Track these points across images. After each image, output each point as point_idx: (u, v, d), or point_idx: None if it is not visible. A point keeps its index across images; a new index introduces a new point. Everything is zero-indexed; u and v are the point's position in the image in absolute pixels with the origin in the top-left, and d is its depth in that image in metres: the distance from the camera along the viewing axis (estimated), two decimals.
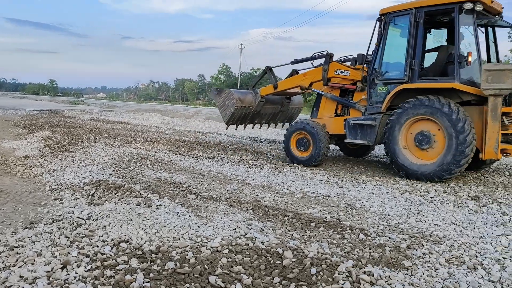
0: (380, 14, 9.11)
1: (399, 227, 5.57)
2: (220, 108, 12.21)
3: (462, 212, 6.43)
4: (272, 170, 9.39)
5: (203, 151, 11.97)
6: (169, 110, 39.87)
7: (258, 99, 12.13)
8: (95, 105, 53.06)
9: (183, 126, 22.36)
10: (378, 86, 9.29)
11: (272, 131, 20.38)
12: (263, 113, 12.96)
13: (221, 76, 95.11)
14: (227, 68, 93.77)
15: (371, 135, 9.33)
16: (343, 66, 10.26)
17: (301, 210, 6.28)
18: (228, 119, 12.16)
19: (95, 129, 17.07)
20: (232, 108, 11.72)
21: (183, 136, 16.55)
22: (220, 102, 12.14)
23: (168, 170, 9.00)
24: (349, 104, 10.11)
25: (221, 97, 12.11)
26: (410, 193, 7.44)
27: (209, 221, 5.50)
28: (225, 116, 12.12)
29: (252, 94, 12.26)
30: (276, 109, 13.24)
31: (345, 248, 4.71)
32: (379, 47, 9.11)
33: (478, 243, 5.04)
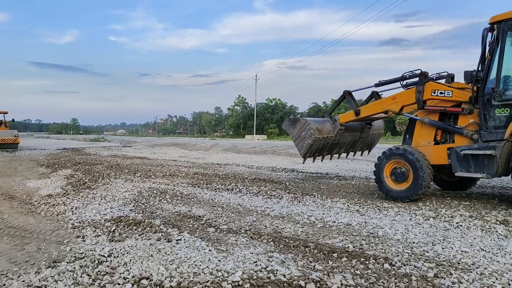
0: (490, 23, 7.87)
1: (424, 255, 5.39)
2: (296, 140, 11.16)
3: (491, 237, 6.20)
4: (291, 200, 9.31)
5: (222, 183, 11.98)
6: (187, 144, 40.34)
7: (337, 128, 11.14)
8: (115, 142, 54.12)
9: (201, 159, 22.53)
10: (496, 108, 7.86)
11: (289, 160, 20.35)
12: (342, 142, 11.92)
13: (238, 108, 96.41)
14: (243, 99, 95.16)
15: (490, 167, 7.85)
16: (442, 86, 8.93)
17: (323, 240, 6.16)
18: (305, 152, 11.04)
19: (115, 165, 17.35)
20: (309, 139, 10.71)
21: (202, 168, 16.65)
22: (295, 133, 11.11)
23: (187, 204, 9.02)
24: (454, 130, 8.64)
25: (296, 128, 11.09)
26: (434, 219, 7.23)
27: (230, 255, 5.44)
28: (302, 148, 11.03)
29: (330, 122, 11.26)
30: (356, 136, 12.18)
31: (369, 279, 4.57)
32: (494, 61, 7.83)
33: (511, 270, 4.83)
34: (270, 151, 28.50)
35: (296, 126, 11.12)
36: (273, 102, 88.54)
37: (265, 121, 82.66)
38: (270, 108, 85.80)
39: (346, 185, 11.67)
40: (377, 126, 12.72)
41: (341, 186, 11.35)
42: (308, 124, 10.80)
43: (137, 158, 22.40)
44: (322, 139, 10.98)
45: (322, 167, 17.70)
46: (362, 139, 12.53)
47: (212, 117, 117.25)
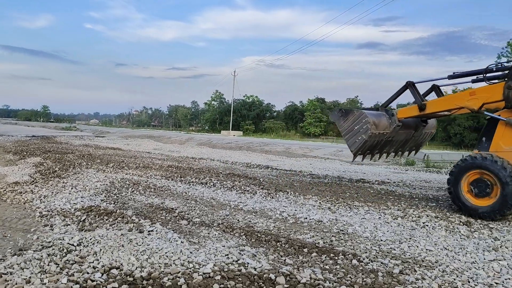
0: None
1: (391, 253, 5.56)
2: (347, 134, 9.75)
3: (454, 237, 6.45)
4: (264, 196, 9.39)
5: (196, 176, 11.95)
6: (162, 136, 39.89)
7: (394, 123, 9.81)
8: (87, 131, 52.92)
9: (175, 152, 22.34)
10: None
11: (264, 156, 20.43)
12: (394, 140, 10.51)
13: (215, 103, 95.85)
14: (220, 95, 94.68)
15: None
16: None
17: (294, 235, 6.26)
18: (357, 149, 9.65)
19: (87, 155, 17.00)
20: (365, 134, 9.34)
21: (176, 162, 16.52)
22: (347, 127, 9.72)
23: (160, 196, 8.96)
24: None
25: (348, 120, 9.69)
26: (402, 219, 7.46)
27: (201, 247, 5.46)
28: (354, 144, 9.62)
29: (386, 117, 9.88)
30: (409, 134, 10.82)
31: (338, 274, 4.69)
32: None
33: (471, 268, 5.05)
34: (246, 147, 28.55)
35: (348, 118, 9.71)
36: (251, 99, 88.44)
37: (241, 117, 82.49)
38: (247, 104, 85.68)
39: (319, 183, 11.84)
40: (430, 124, 11.33)
41: (314, 184, 11.52)
42: (364, 117, 9.41)
43: (110, 149, 22.00)
44: (378, 135, 9.64)
45: (296, 164, 17.88)
46: (414, 138, 11.18)
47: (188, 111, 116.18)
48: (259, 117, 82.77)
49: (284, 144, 31.50)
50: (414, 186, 11.93)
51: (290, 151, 26.25)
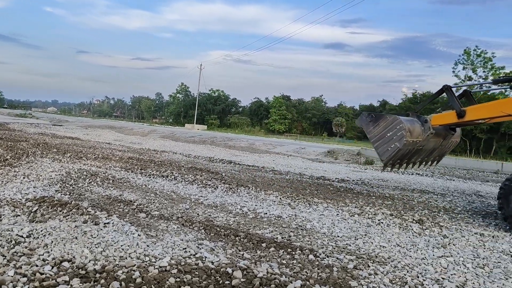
0: None
1: (347, 248, 5.70)
2: (377, 141, 8.86)
3: (407, 234, 6.70)
4: (226, 190, 9.37)
5: (157, 169, 11.75)
6: (123, 127, 38.93)
7: (427, 131, 9.09)
8: (44, 119, 50.81)
9: (137, 144, 21.87)
10: None
11: (228, 151, 20.39)
12: (424, 149, 9.73)
13: (180, 96, 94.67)
14: (185, 87, 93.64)
15: None
16: None
17: (253, 230, 6.29)
18: (389, 158, 8.76)
19: (43, 144, 16.32)
20: (399, 142, 8.50)
21: (137, 153, 16.17)
22: (377, 133, 8.87)
23: (119, 188, 8.74)
24: None
25: (379, 126, 8.84)
26: (359, 216, 7.66)
27: (159, 240, 5.37)
28: (386, 153, 8.71)
29: (419, 124, 9.13)
30: (438, 143, 10.13)
31: (294, 268, 4.76)
32: None
33: (420, 264, 5.26)
34: (209, 142, 28.38)
35: (379, 123, 8.86)
36: (216, 93, 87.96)
37: (206, 111, 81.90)
38: (212, 99, 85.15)
39: (281, 179, 11.96)
40: (457, 133, 10.73)
41: (276, 180, 11.62)
42: (398, 123, 8.61)
43: (68, 138, 21.23)
44: (411, 143, 8.81)
45: (259, 160, 17.96)
46: (441, 147, 10.48)
47: (152, 103, 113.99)
48: (224, 112, 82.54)
49: (248, 140, 31.57)
50: (372, 185, 12.29)
51: (254, 147, 26.34)
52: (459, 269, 5.18)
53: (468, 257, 5.70)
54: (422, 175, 17.27)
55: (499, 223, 8.15)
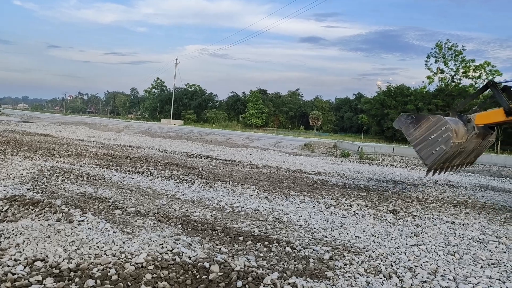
0: None
1: (323, 240, 5.79)
2: (420, 143, 8.26)
3: (381, 224, 6.85)
4: (203, 185, 9.34)
5: (133, 165, 11.59)
6: (98, 123, 38.18)
7: (471, 131, 8.56)
8: (14, 116, 49.29)
9: (112, 140, 21.50)
10: None
11: (204, 146, 20.29)
12: (465, 151, 9.12)
13: (155, 91, 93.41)
14: (161, 82, 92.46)
15: None
16: None
17: (230, 224, 6.30)
18: (434, 161, 8.22)
19: (13, 141, 15.84)
20: (445, 145, 7.93)
21: (112, 150, 15.90)
22: (419, 135, 8.27)
23: (93, 185, 8.59)
24: None
25: (421, 128, 8.23)
26: (335, 207, 7.78)
27: (135, 237, 5.32)
28: (430, 157, 8.16)
29: (461, 123, 8.56)
30: (477, 143, 9.54)
31: (271, 261, 4.80)
32: None
33: (394, 253, 5.40)
34: (186, 137, 28.17)
35: (421, 125, 8.25)
36: (193, 87, 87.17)
37: (183, 106, 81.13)
38: (189, 93, 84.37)
39: (258, 173, 12.00)
40: (494, 132, 10.23)
41: (253, 174, 11.65)
42: (443, 124, 8.00)
43: (40, 135, 20.67)
44: (457, 145, 8.25)
45: (236, 155, 17.96)
46: (479, 148, 9.88)
47: (128, 98, 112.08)
48: (201, 106, 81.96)
49: (225, 134, 31.49)
50: (347, 177, 12.48)
51: (231, 141, 26.31)
52: (431, 256, 5.34)
53: (439, 245, 5.88)
54: (396, 167, 17.64)
55: (469, 211, 8.44)
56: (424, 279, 4.53)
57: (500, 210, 8.89)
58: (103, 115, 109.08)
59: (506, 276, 4.74)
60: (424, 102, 48.90)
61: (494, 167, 19.88)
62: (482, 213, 8.38)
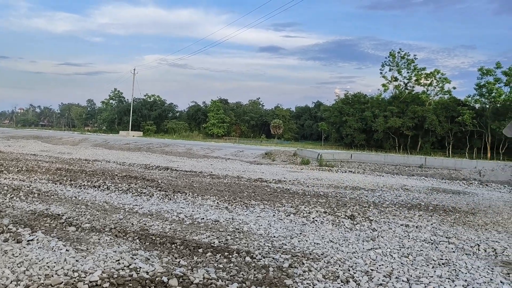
0: None
1: (283, 248, 5.83)
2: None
3: (339, 230, 7.00)
4: (162, 198, 9.18)
5: (88, 179, 11.22)
6: (51, 137, 36.71)
7: None
8: None
9: (67, 154, 20.73)
10: None
11: (164, 158, 19.98)
12: None
13: (113, 102, 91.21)
14: (119, 93, 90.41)
15: None
16: None
17: (190, 236, 6.22)
18: None
19: None
20: None
21: (66, 164, 15.32)
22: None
23: (45, 202, 8.22)
24: None
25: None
26: (294, 215, 7.87)
27: (90, 254, 5.14)
28: None
29: None
30: None
31: (231, 272, 4.78)
32: None
33: (351, 257, 5.52)
34: (145, 148, 27.63)
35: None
36: (152, 98, 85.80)
37: (142, 117, 79.61)
38: (148, 104, 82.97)
39: (219, 183, 11.94)
40: None
41: (214, 184, 11.58)
42: None
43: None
44: None
45: (197, 165, 17.80)
46: None
47: (84, 110, 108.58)
48: (161, 117, 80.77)
49: (186, 145, 31.15)
50: (307, 184, 12.67)
51: (192, 152, 26.07)
52: (386, 259, 5.50)
53: (394, 247, 6.07)
54: (354, 173, 18.11)
55: (423, 213, 8.79)
56: (379, 282, 4.66)
57: (450, 211, 9.32)
58: (58, 128, 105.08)
59: (455, 275, 4.97)
60: (380, 109, 50.62)
61: (445, 170, 20.86)
62: (434, 215, 8.75)
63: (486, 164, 21.93)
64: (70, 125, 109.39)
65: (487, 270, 5.22)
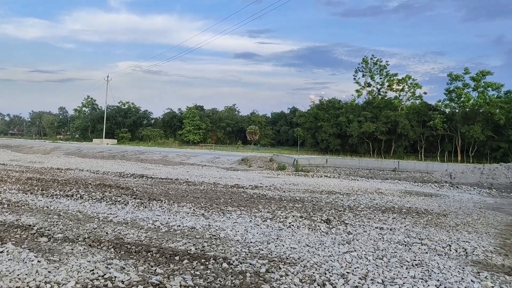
0: None
1: (260, 253, 5.85)
2: None
3: (315, 234, 7.07)
4: (137, 206, 9.05)
5: (61, 189, 10.95)
6: (22, 146, 35.65)
7: None
8: None
9: (38, 163, 20.18)
10: None
11: (139, 165, 19.74)
12: None
13: (86, 109, 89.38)
14: (92, 101, 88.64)
15: None
16: None
17: (166, 244, 6.16)
18: None
19: None
20: None
21: (37, 173, 14.91)
22: None
23: (15, 212, 7.98)
24: None
25: None
26: (271, 220, 7.90)
27: (63, 265, 5.02)
28: None
29: None
30: None
31: (208, 279, 4.76)
32: None
33: (327, 261, 5.59)
34: (120, 156, 27.19)
35: None
36: (126, 105, 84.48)
37: (116, 125, 78.21)
38: (122, 111, 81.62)
39: (195, 190, 11.87)
40: None
41: (190, 191, 11.50)
42: None
43: None
44: None
45: (173, 172, 17.64)
46: None
47: (56, 118, 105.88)
48: (135, 124, 79.57)
49: (161, 152, 30.82)
50: (283, 189, 12.74)
51: (167, 159, 25.82)
52: (361, 262, 5.59)
53: (369, 250, 6.18)
54: (330, 177, 18.34)
55: (396, 216, 8.98)
56: (355, 284, 4.73)
57: (423, 213, 9.56)
58: (28, 136, 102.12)
59: (428, 275, 5.10)
60: (354, 114, 51.41)
61: (418, 174, 21.39)
62: (407, 217, 8.96)
63: (456, 167, 22.63)
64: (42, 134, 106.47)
65: (458, 269, 5.38)
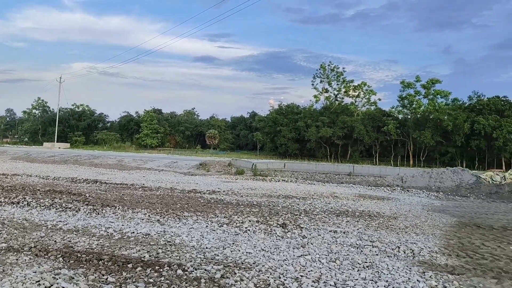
0: None
1: (215, 259, 5.82)
2: None
3: (271, 238, 7.13)
4: (89, 212, 8.74)
5: (5, 195, 10.38)
6: None
7: None
8: None
9: None
10: None
11: (93, 170, 19.12)
12: None
13: (36, 112, 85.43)
14: (43, 102, 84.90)
15: None
16: None
17: (119, 251, 5.99)
18: None
19: None
20: None
21: None
22: None
23: None
24: None
25: None
26: (227, 225, 7.89)
27: (6, 276, 4.76)
28: None
29: None
30: None
31: (162, 286, 4.68)
32: None
33: (282, 265, 5.65)
34: (72, 161, 26.19)
35: None
36: (80, 108, 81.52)
37: (69, 128, 75.24)
38: (76, 114, 78.66)
39: (151, 195, 11.64)
40: None
41: (145, 197, 11.27)
42: None
43: None
44: None
45: (128, 177, 17.21)
46: None
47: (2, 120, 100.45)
48: (90, 127, 76.93)
49: (117, 157, 29.99)
50: (241, 194, 12.76)
51: (123, 164, 25.17)
52: (315, 265, 5.70)
53: (323, 253, 6.31)
54: (287, 182, 18.57)
55: (350, 219, 9.23)
56: (309, 287, 4.81)
57: (375, 216, 9.89)
58: None
59: (378, 276, 5.28)
60: (312, 119, 52.42)
61: (372, 178, 22.11)
62: (360, 220, 9.23)
63: (407, 171, 23.61)
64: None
65: (405, 270, 5.61)
